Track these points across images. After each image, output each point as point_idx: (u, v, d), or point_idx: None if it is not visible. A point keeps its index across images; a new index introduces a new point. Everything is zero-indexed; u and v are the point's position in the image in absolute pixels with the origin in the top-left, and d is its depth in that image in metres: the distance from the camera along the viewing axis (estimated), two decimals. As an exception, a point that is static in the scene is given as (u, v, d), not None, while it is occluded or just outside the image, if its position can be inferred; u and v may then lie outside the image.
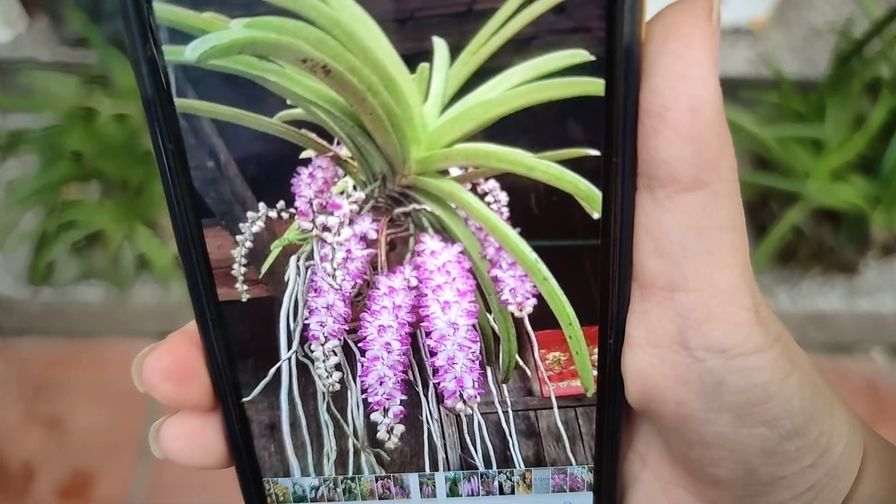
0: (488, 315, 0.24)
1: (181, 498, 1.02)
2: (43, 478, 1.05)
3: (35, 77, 1.06)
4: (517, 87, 0.22)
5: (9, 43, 1.26)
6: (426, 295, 0.24)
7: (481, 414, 0.26)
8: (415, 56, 0.21)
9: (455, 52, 0.21)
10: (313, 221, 0.24)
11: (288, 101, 0.22)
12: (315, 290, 0.24)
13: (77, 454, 1.07)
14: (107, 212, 1.03)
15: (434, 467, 0.26)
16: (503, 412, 0.26)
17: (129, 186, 1.03)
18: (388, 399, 0.25)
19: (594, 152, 0.22)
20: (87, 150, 1.00)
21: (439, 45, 0.21)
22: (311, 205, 0.23)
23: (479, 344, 0.25)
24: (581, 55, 0.21)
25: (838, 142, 0.98)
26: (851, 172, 0.99)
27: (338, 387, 0.25)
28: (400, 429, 0.26)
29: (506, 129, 0.22)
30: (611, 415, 0.24)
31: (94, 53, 1.07)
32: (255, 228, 0.24)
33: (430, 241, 0.24)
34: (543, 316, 0.24)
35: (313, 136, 0.22)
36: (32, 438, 1.08)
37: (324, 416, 0.26)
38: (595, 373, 0.24)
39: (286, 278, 0.24)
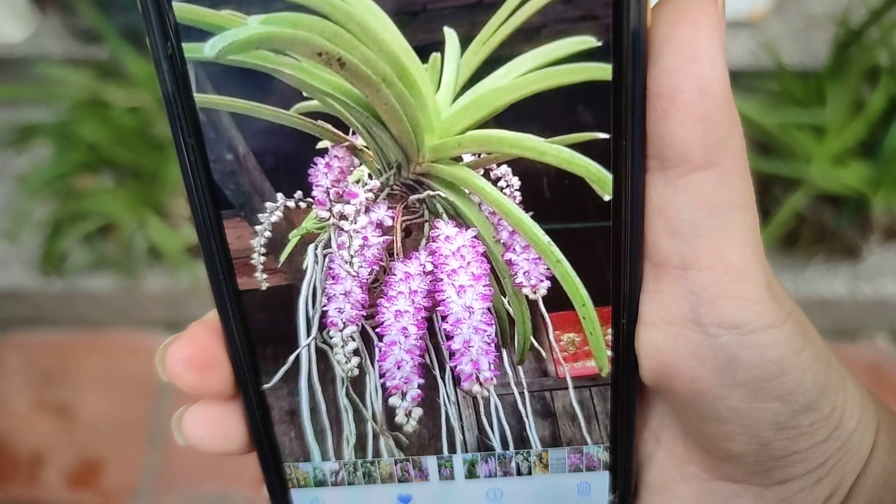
0: (503, 298, 0.25)
1: (190, 484, 1.04)
2: (53, 465, 1.07)
3: (48, 70, 1.07)
4: (527, 75, 0.22)
5: (21, 39, 1.27)
6: (441, 279, 0.25)
7: (497, 395, 0.26)
8: (427, 47, 0.22)
9: (465, 42, 0.22)
10: (330, 210, 0.24)
11: (304, 94, 0.23)
12: (333, 278, 0.25)
13: (86, 442, 1.08)
14: (119, 200, 1.04)
15: (452, 449, 0.27)
16: (519, 393, 0.26)
17: (141, 175, 1.04)
18: (405, 383, 0.26)
19: (604, 135, 0.22)
20: (99, 140, 1.00)
21: (450, 36, 0.22)
22: (328, 194, 0.24)
23: (494, 327, 0.25)
24: (588, 42, 0.21)
25: (838, 127, 0.98)
26: (852, 157, 1.00)
27: (356, 372, 0.26)
28: (418, 412, 0.26)
29: (517, 116, 0.23)
30: (625, 393, 0.25)
31: (105, 49, 1.08)
32: (273, 218, 0.24)
33: (445, 227, 0.25)
34: (557, 298, 0.25)
35: (329, 126, 0.23)
36: (42, 427, 1.09)
37: (343, 401, 0.26)
38: (609, 352, 0.25)
39: (304, 266, 0.25)
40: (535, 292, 0.25)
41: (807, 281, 1.08)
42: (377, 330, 0.26)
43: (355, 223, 0.24)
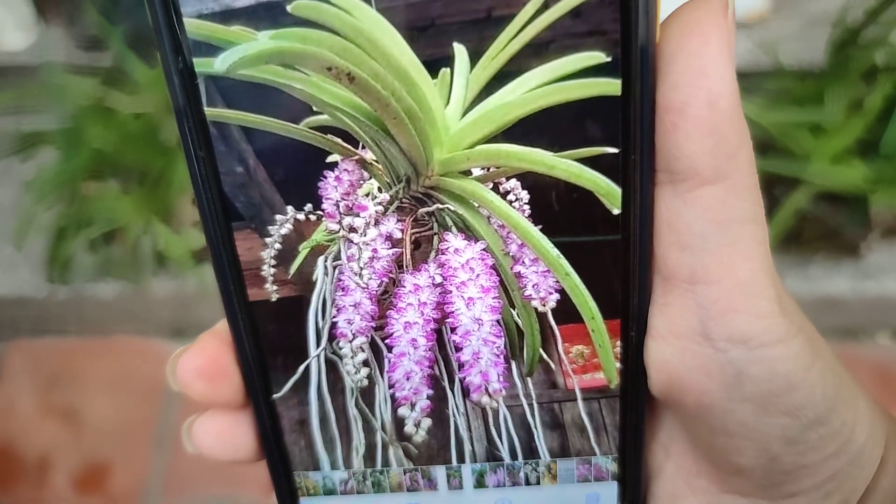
0: (512, 310, 0.25)
1: (197, 489, 1.04)
2: (60, 469, 1.07)
3: (53, 76, 1.07)
4: (536, 90, 0.22)
5: (24, 47, 1.27)
6: (451, 292, 0.25)
7: (506, 407, 0.26)
8: (436, 62, 0.22)
9: (475, 57, 0.22)
10: (340, 223, 0.24)
11: (314, 108, 0.23)
12: (342, 289, 0.25)
13: (94, 447, 1.08)
14: (124, 205, 1.04)
15: (461, 460, 0.27)
16: (528, 405, 0.26)
17: (147, 180, 1.04)
18: (414, 394, 0.26)
19: (612, 150, 0.22)
20: (105, 145, 1.01)
21: (459, 51, 0.22)
22: (338, 207, 0.24)
23: (503, 339, 0.25)
24: (597, 57, 0.22)
25: (837, 126, 0.98)
26: (851, 155, 1.00)
27: (366, 382, 0.26)
28: (427, 422, 0.26)
29: (525, 130, 0.23)
30: (634, 406, 0.25)
31: (108, 56, 1.08)
32: (283, 231, 0.24)
33: (454, 240, 0.25)
34: (566, 310, 0.25)
35: (339, 140, 0.23)
36: (50, 431, 1.10)
37: (352, 411, 0.26)
38: (618, 365, 0.25)
39: (314, 278, 0.25)
40: (544, 305, 0.25)
41: (809, 279, 1.08)
42: (386, 341, 0.26)
43: (365, 235, 0.24)
